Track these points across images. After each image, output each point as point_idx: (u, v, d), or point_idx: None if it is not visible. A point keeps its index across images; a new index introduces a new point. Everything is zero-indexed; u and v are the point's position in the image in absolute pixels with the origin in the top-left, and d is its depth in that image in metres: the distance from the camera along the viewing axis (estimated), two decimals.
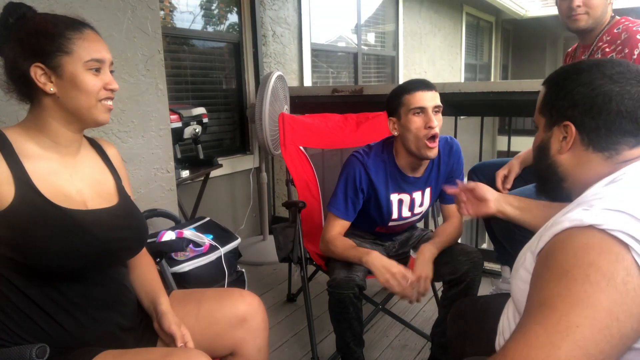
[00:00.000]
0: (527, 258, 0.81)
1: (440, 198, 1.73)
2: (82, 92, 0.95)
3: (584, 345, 0.61)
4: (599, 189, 0.78)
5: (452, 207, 1.63)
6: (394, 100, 1.56)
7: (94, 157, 1.10)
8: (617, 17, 1.66)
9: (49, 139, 0.97)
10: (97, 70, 0.97)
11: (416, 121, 1.49)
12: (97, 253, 0.99)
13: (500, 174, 1.75)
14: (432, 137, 1.47)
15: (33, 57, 0.92)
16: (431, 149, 1.49)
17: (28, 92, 0.96)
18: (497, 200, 1.20)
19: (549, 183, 0.92)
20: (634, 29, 1.56)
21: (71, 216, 0.95)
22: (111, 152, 1.15)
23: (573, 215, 0.71)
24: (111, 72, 1.02)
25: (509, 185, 1.71)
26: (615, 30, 1.60)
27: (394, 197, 1.62)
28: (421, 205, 1.68)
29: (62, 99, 0.95)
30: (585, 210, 0.70)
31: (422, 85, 1.51)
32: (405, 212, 1.67)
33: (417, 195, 1.65)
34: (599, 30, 1.65)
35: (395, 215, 1.65)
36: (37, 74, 0.93)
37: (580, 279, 0.65)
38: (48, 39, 0.93)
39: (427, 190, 1.67)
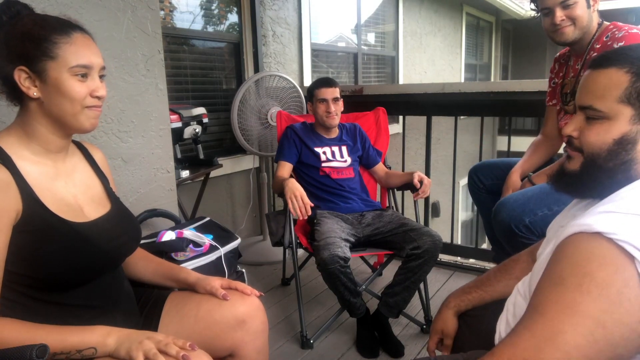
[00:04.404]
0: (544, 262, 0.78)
1: (366, 165, 2.42)
2: (67, 98, 0.93)
3: (565, 349, 0.63)
4: (634, 186, 0.74)
5: (378, 166, 2.41)
6: (310, 93, 2.28)
7: (82, 161, 1.10)
8: (606, 23, 1.60)
9: (39, 146, 0.96)
10: (84, 76, 0.94)
11: (321, 107, 2.23)
12: (102, 263, 1.00)
13: (507, 194, 1.73)
14: (328, 113, 2.21)
15: (17, 61, 0.90)
16: (329, 120, 2.23)
17: (15, 94, 0.95)
18: (454, 308, 1.10)
19: (608, 180, 0.80)
20: (617, 35, 1.52)
21: (77, 230, 0.95)
22: (98, 156, 1.14)
23: (585, 219, 0.69)
24: (102, 76, 0.99)
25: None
26: (604, 39, 1.56)
27: (319, 149, 2.27)
28: (342, 156, 2.29)
29: (47, 104, 0.93)
30: (599, 215, 0.68)
31: (325, 83, 2.23)
32: (331, 157, 2.27)
33: (335, 148, 2.30)
34: (589, 38, 1.60)
35: (323, 157, 2.25)
36: (21, 77, 0.91)
37: (572, 288, 0.65)
38: (33, 43, 0.91)
39: (344, 147, 2.31)
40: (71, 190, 1.01)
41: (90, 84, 0.96)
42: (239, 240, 1.71)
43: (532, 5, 1.67)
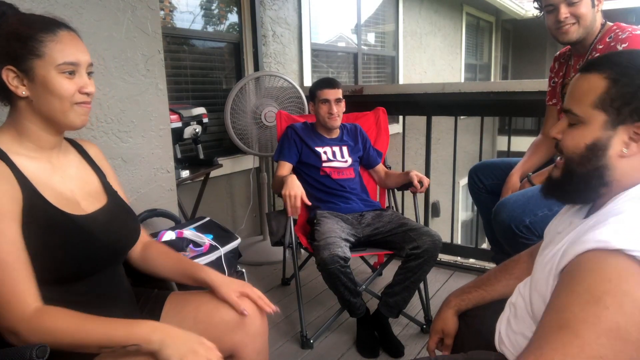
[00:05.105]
0: (550, 281, 0.76)
1: (366, 165, 2.42)
2: (55, 96, 0.93)
3: None
4: (633, 196, 0.73)
5: (378, 166, 2.42)
6: (312, 93, 2.28)
7: (76, 157, 1.10)
8: (609, 24, 1.59)
9: (31, 143, 0.96)
10: (71, 73, 0.94)
11: (323, 107, 2.23)
12: (104, 256, 1.00)
13: (506, 196, 1.74)
14: (330, 114, 2.22)
15: (4, 60, 0.91)
16: (330, 121, 2.23)
17: (4, 94, 0.95)
18: (454, 307, 1.11)
19: (584, 186, 0.80)
20: (620, 37, 1.51)
21: (77, 222, 0.95)
22: (93, 151, 1.15)
23: (599, 235, 0.67)
24: (90, 73, 0.99)
25: None
26: (607, 39, 1.55)
27: (320, 149, 2.27)
28: (342, 156, 2.28)
29: (36, 102, 0.93)
30: (613, 230, 0.67)
31: (328, 84, 2.23)
32: (332, 158, 2.27)
33: (336, 148, 2.30)
34: (592, 39, 1.59)
35: (324, 157, 2.25)
36: (9, 77, 0.91)
37: (613, 309, 0.62)
38: (19, 42, 0.91)
39: (345, 148, 2.31)
40: (68, 185, 1.01)
41: (78, 80, 0.96)
42: (239, 240, 1.71)
43: (535, 5, 1.66)
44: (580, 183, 0.81)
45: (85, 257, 0.96)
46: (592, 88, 0.78)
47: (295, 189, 1.91)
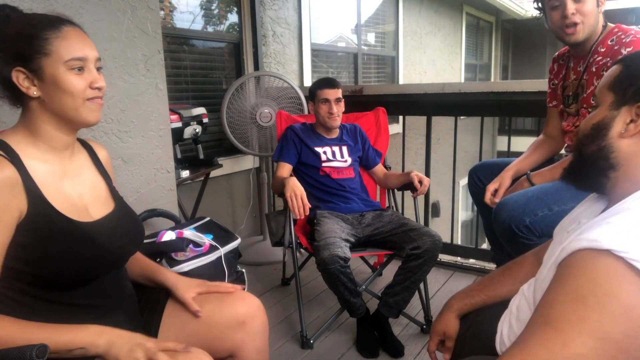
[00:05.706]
0: (550, 277, 0.77)
1: (365, 166, 2.43)
2: (66, 93, 0.93)
3: None
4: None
5: (377, 167, 2.42)
6: (312, 93, 2.28)
7: (87, 159, 1.09)
8: (611, 26, 1.58)
9: (44, 144, 0.96)
10: (80, 69, 0.94)
11: (323, 107, 2.23)
12: (108, 262, 1.01)
13: (491, 188, 1.74)
14: (330, 114, 2.22)
15: (13, 62, 0.91)
16: (330, 120, 2.24)
17: (16, 96, 0.95)
18: (456, 311, 1.10)
19: (592, 168, 0.83)
20: (624, 40, 1.50)
21: (83, 230, 0.95)
22: (102, 154, 1.14)
23: (592, 234, 0.68)
24: (99, 68, 0.99)
25: (497, 200, 1.69)
26: (609, 42, 1.54)
27: (319, 149, 2.27)
28: (342, 156, 2.29)
29: (48, 101, 0.93)
30: (606, 229, 0.67)
31: (328, 84, 2.23)
32: (332, 157, 2.27)
33: (336, 148, 2.30)
34: (593, 40, 1.58)
35: (324, 157, 2.25)
36: (20, 78, 0.91)
37: (596, 309, 0.63)
38: (25, 42, 0.91)
39: (345, 148, 2.31)
40: (77, 189, 1.01)
41: (88, 76, 0.95)
42: (239, 240, 1.71)
43: (535, 5, 1.65)
44: (587, 165, 0.84)
45: (90, 264, 0.96)
46: (611, 73, 0.84)
47: (297, 188, 1.91)
